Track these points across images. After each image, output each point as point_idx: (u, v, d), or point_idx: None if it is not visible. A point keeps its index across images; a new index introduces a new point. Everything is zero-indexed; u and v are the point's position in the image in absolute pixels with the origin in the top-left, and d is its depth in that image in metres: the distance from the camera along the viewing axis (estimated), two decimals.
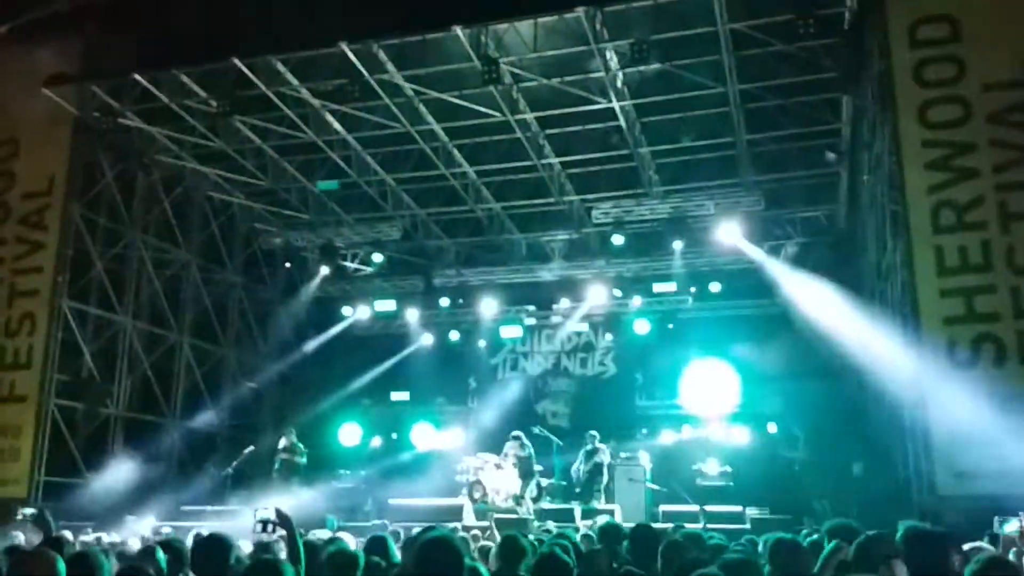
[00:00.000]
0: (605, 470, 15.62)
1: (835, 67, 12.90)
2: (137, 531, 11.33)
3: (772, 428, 18.27)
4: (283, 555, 5.33)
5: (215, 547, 4.86)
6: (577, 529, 10.00)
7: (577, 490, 15.93)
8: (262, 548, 5.97)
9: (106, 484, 15.33)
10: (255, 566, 3.97)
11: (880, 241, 13.15)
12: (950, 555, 4.57)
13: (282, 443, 15.96)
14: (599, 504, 15.17)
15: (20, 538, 7.98)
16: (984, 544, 5.99)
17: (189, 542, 7.02)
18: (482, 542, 7.95)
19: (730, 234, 17.06)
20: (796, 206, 17.84)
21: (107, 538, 9.87)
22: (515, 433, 15.95)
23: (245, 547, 6.36)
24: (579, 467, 15.90)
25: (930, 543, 4.44)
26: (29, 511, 5.98)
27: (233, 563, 4.81)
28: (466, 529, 11.28)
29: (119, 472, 15.60)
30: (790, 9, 11.63)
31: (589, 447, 15.86)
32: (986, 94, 10.56)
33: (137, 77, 14.46)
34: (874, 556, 4.20)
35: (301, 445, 15.88)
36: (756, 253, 17.50)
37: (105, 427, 16.36)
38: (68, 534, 9.05)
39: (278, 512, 5.61)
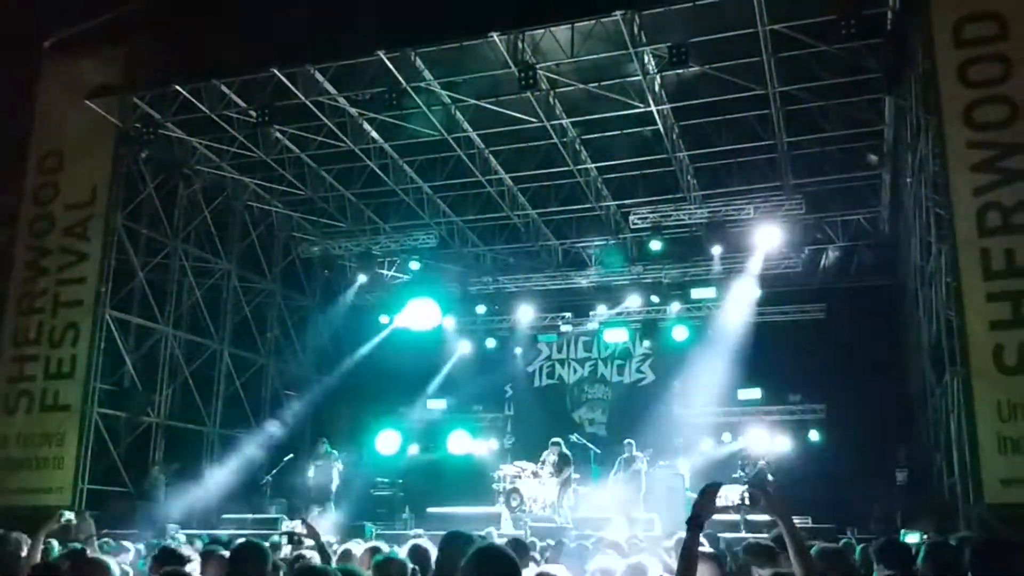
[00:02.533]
0: (643, 478, 15.49)
1: (877, 68, 12.70)
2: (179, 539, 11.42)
3: (814, 436, 18.05)
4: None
5: (252, 554, 4.85)
6: None
7: None
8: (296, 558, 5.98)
9: (147, 492, 15.49)
10: (304, 572, 3.96)
11: (924, 244, 12.91)
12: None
13: (317, 451, 16.05)
14: (637, 513, 15.02)
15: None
16: None
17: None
18: None
19: (770, 238, 16.90)
20: (837, 209, 17.64)
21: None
22: (553, 440, 15.82)
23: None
24: (616, 475, 15.77)
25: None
26: (70, 515, 6.00)
27: (271, 570, 4.80)
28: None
29: (160, 480, 15.76)
30: (832, 9, 11.45)
31: (626, 455, 15.74)
32: None
33: (178, 88, 14.63)
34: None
35: (336, 452, 15.95)
36: None
37: (147, 435, 16.54)
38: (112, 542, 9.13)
39: (305, 523, 5.66)
